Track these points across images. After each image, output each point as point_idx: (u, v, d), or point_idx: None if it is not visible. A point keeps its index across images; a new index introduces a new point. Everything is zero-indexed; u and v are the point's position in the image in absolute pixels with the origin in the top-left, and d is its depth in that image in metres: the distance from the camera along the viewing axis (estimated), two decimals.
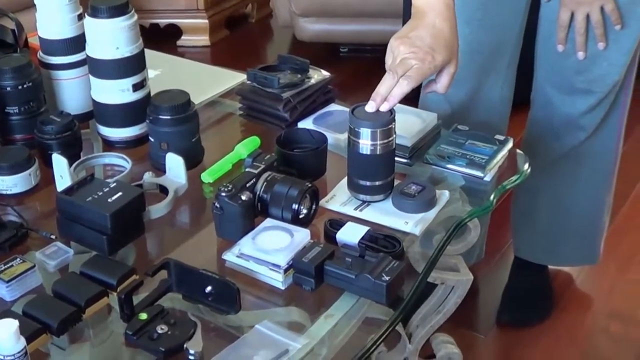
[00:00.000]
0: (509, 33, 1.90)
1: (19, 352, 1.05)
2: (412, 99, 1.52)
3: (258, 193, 1.36)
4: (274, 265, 1.25)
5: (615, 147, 2.02)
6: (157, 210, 1.42)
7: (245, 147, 1.56)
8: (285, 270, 1.25)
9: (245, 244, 1.29)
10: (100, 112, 1.62)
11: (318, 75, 1.72)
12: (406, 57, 1.41)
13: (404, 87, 1.39)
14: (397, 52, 1.43)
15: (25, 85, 1.56)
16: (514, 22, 1.89)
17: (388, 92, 1.39)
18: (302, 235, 1.29)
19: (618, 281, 2.33)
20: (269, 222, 1.34)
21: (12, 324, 1.04)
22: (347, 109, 1.44)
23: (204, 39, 3.84)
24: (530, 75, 2.00)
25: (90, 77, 1.60)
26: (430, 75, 1.44)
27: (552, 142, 1.97)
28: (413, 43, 1.42)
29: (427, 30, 1.44)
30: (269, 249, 1.27)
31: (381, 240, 1.32)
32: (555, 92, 1.92)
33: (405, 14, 3.10)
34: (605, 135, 1.97)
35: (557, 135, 1.96)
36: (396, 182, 1.45)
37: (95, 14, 1.53)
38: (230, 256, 1.30)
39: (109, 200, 1.32)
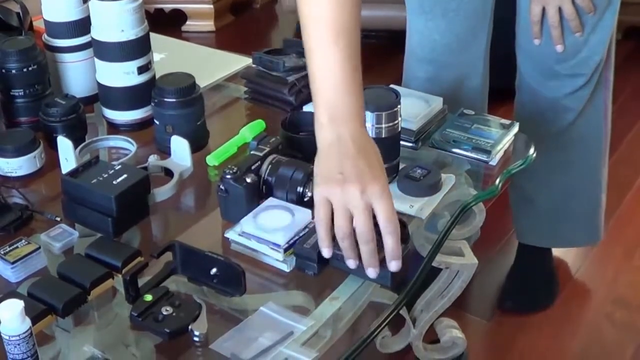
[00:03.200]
0: (482, 19, 1.90)
1: (24, 333, 1.05)
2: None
3: (263, 176, 1.36)
4: (274, 244, 1.25)
5: (603, 124, 2.02)
6: (162, 192, 1.42)
7: (251, 131, 1.56)
8: (286, 250, 1.25)
9: (247, 223, 1.29)
10: (105, 95, 1.62)
11: None
12: (354, 205, 1.16)
13: (393, 238, 1.18)
14: (338, 204, 1.17)
15: (30, 68, 1.56)
16: (486, 7, 1.89)
17: (373, 256, 1.18)
18: (303, 215, 1.29)
19: (623, 268, 2.33)
20: (271, 201, 1.34)
21: (17, 305, 1.04)
22: None
23: (209, 24, 3.82)
24: (511, 63, 1.99)
25: (96, 59, 1.60)
26: (390, 195, 1.19)
27: (541, 125, 1.97)
28: (346, 179, 1.17)
29: (349, 154, 1.19)
30: (270, 227, 1.27)
31: None
32: (539, 77, 1.92)
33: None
34: (593, 113, 1.97)
35: (546, 118, 1.96)
36: (401, 166, 1.45)
37: None
38: (232, 234, 1.30)
39: (114, 182, 1.32)
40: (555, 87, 1.91)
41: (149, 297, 1.17)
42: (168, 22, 3.71)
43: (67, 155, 1.46)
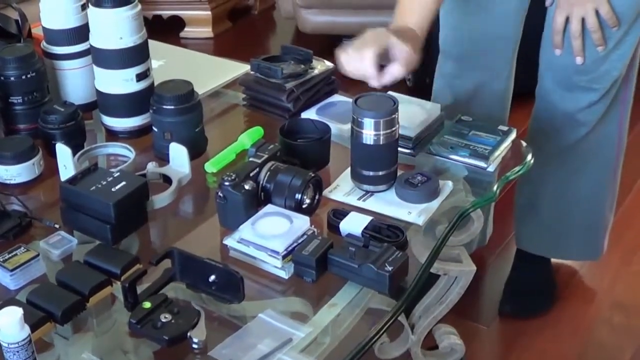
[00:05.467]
0: (514, 21, 1.90)
1: (23, 340, 1.05)
2: (416, 90, 1.53)
3: (261, 182, 1.36)
4: (272, 251, 1.26)
5: (617, 142, 2.00)
6: (160, 199, 1.42)
7: (249, 137, 1.56)
8: (284, 257, 1.25)
9: (245, 230, 1.30)
10: (104, 102, 1.62)
11: (321, 65, 1.72)
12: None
13: (366, 55, 1.48)
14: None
15: (28, 75, 1.57)
16: (519, 10, 1.89)
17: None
18: (301, 222, 1.30)
19: (621, 272, 2.33)
20: (269, 208, 1.34)
21: (16, 312, 1.05)
22: (351, 100, 1.44)
23: (207, 31, 3.83)
24: (536, 67, 1.99)
25: (94, 67, 1.60)
26: (383, 39, 1.49)
27: (554, 136, 1.97)
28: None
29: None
30: (268, 234, 1.28)
31: (384, 230, 1.32)
32: (556, 88, 1.91)
33: None
34: (606, 130, 1.95)
35: (558, 129, 1.96)
36: (399, 173, 1.45)
37: (99, 3, 1.53)
38: (231, 241, 1.30)
39: (113, 189, 1.32)
40: (570, 100, 1.90)
41: (147, 304, 1.17)
42: (166, 29, 3.71)
43: (66, 163, 1.47)
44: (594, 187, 2.06)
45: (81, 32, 1.62)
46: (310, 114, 1.65)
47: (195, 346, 1.14)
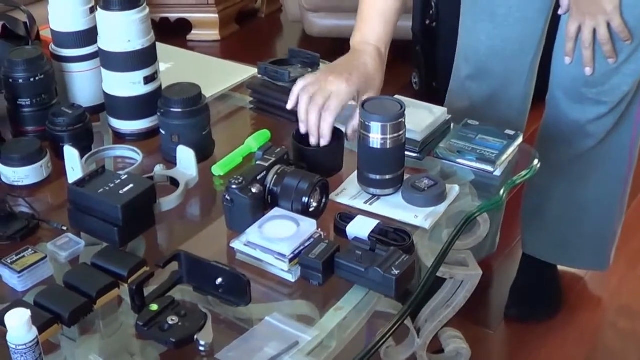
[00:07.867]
0: (534, 29, 1.88)
1: (30, 342, 1.05)
2: (423, 93, 1.52)
3: (268, 186, 1.37)
4: (279, 254, 1.26)
5: (628, 157, 1.99)
6: (168, 202, 1.42)
7: (256, 141, 1.57)
8: (291, 260, 1.26)
9: (252, 233, 1.30)
10: (112, 105, 1.62)
11: None
12: (325, 82, 1.49)
13: (328, 120, 1.47)
14: (320, 76, 1.52)
15: (37, 78, 1.57)
16: (539, 18, 1.87)
17: (317, 126, 1.48)
18: (308, 225, 1.30)
19: (627, 277, 2.33)
20: (276, 211, 1.34)
21: (24, 314, 1.05)
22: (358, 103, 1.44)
23: (214, 34, 3.84)
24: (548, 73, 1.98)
25: (102, 69, 1.60)
26: (348, 99, 1.49)
27: (562, 145, 1.96)
28: (334, 70, 1.53)
29: (353, 65, 1.54)
30: (275, 238, 1.28)
31: (391, 234, 1.32)
32: (565, 98, 1.90)
33: (415, 10, 3.10)
34: (617, 143, 1.94)
35: (566, 139, 1.95)
36: (406, 176, 1.46)
37: (107, 6, 1.54)
38: (238, 244, 1.31)
39: (120, 192, 1.32)
40: (579, 111, 1.89)
41: (154, 307, 1.17)
42: (173, 32, 3.72)
43: (74, 165, 1.47)
44: (601, 199, 2.05)
45: (89, 35, 1.62)
46: None
47: (201, 349, 1.15)
